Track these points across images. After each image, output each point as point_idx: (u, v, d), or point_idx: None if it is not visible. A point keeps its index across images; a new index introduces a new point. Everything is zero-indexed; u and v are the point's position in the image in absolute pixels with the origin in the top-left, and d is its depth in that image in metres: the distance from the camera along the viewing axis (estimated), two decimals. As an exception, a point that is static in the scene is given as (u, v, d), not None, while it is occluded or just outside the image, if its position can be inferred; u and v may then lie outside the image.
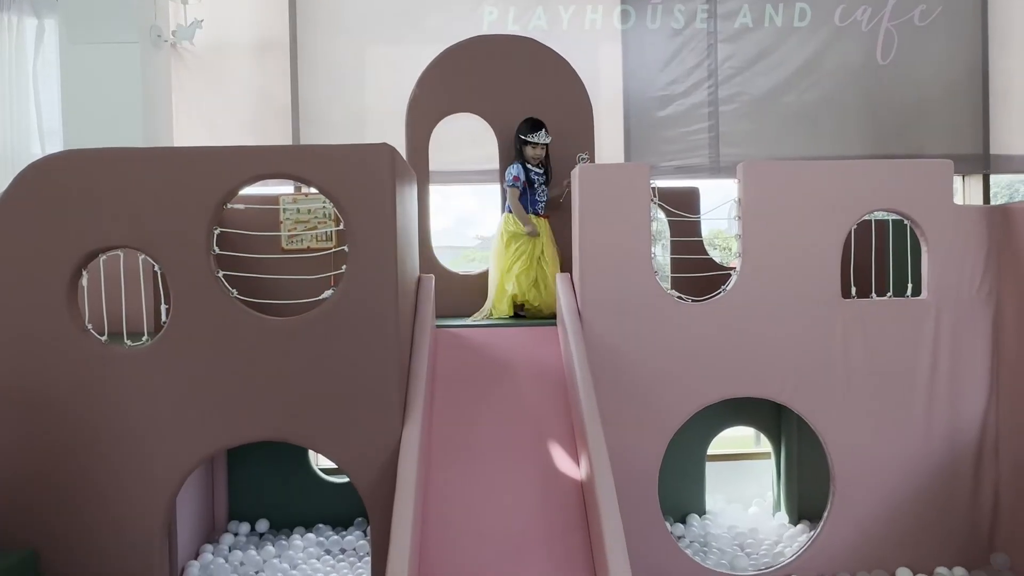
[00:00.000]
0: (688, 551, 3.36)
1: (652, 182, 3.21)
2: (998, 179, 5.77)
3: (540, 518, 2.64)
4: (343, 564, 3.60)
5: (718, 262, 4.10)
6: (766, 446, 4.36)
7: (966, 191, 5.42)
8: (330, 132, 5.09)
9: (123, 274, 3.07)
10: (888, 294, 3.31)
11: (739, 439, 4.85)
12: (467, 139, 4.76)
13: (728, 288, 3.24)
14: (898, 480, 3.27)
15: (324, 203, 3.88)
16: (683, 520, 4.06)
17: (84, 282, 2.68)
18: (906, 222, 3.33)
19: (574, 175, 3.36)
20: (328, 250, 3.06)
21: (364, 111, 5.13)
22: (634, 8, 5.17)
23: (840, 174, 3.25)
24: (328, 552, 3.76)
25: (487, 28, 5.06)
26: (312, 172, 2.62)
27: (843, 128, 5.26)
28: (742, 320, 3.19)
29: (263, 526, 3.98)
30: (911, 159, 4.49)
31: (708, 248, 4.21)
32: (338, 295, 2.64)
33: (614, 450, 2.66)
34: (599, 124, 4.45)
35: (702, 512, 4.15)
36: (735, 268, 3.29)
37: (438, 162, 4.36)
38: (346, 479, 3.97)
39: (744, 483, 4.50)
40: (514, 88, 4.24)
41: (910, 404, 3.26)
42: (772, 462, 4.26)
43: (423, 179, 4.16)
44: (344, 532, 3.95)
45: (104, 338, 2.72)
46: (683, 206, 3.64)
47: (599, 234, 3.18)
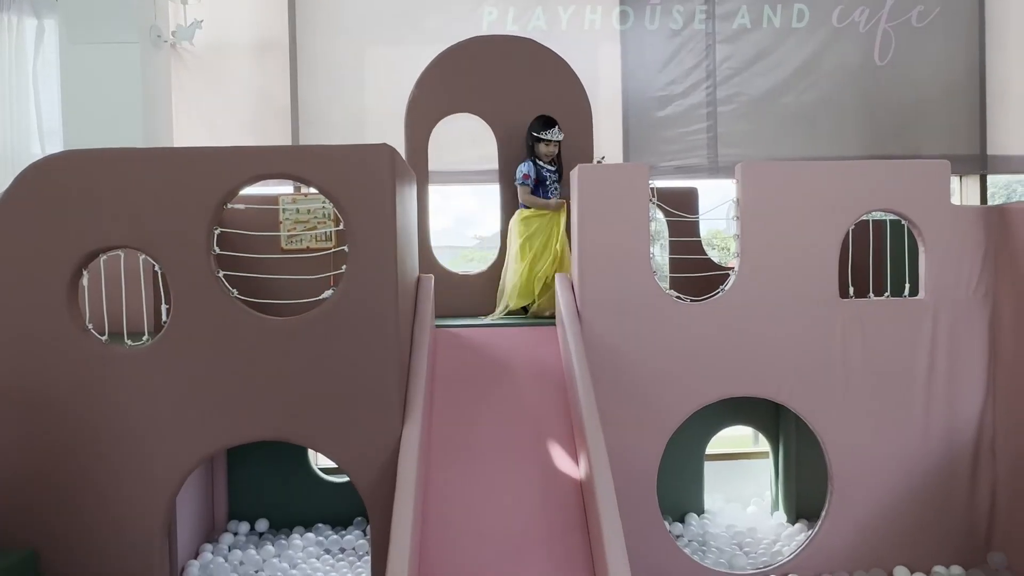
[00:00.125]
0: (687, 550, 3.37)
1: (651, 182, 3.22)
2: (995, 179, 5.78)
3: (540, 517, 2.64)
4: (343, 563, 3.61)
5: (716, 262, 4.12)
6: (764, 445, 4.37)
7: (963, 191, 5.44)
8: (329, 132, 5.09)
9: (123, 274, 3.07)
10: (886, 294, 3.32)
11: (737, 439, 4.85)
12: (466, 139, 4.77)
13: (727, 288, 3.25)
14: (896, 479, 3.28)
15: (323, 203, 3.89)
16: (682, 519, 4.07)
17: (84, 282, 2.68)
18: (904, 222, 3.34)
19: (573, 176, 3.37)
20: (327, 250, 3.07)
21: (363, 111, 5.14)
22: (633, 9, 5.19)
23: (838, 174, 3.26)
24: (328, 551, 3.77)
25: (486, 29, 5.07)
26: (312, 172, 2.62)
27: (841, 128, 5.28)
28: (741, 320, 3.20)
29: (263, 525, 3.98)
30: (909, 160, 4.51)
31: (707, 248, 4.23)
32: (338, 295, 2.65)
33: (613, 450, 2.67)
34: (598, 124, 4.45)
35: (701, 511, 4.16)
36: (733, 268, 3.31)
37: (437, 162, 4.36)
38: (345, 479, 3.98)
39: (742, 482, 4.51)
40: (513, 88, 4.25)
41: (908, 404, 3.28)
42: (770, 461, 4.27)
43: (422, 179, 4.16)
44: (343, 531, 3.95)
45: (104, 338, 2.72)
46: (682, 206, 3.65)
47: (598, 234, 3.19)
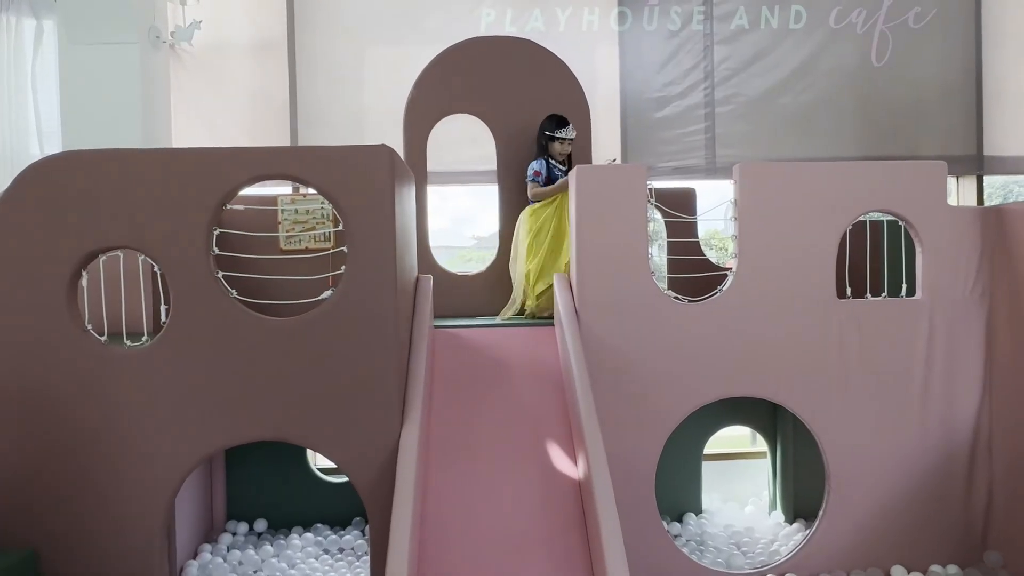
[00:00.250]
0: (685, 550, 3.38)
1: (649, 183, 3.23)
2: (992, 180, 5.80)
3: (538, 517, 2.65)
4: (341, 563, 3.61)
5: (714, 262, 4.13)
6: (762, 445, 4.38)
7: (960, 192, 5.45)
8: (328, 132, 5.10)
9: (123, 275, 3.07)
10: (883, 294, 3.33)
11: (735, 438, 4.87)
12: (465, 140, 4.78)
13: (724, 288, 3.26)
14: (893, 479, 3.29)
15: (322, 204, 3.89)
16: (680, 519, 4.08)
17: (84, 283, 2.69)
18: (901, 223, 3.35)
19: (571, 176, 3.37)
20: (326, 251, 3.07)
21: (362, 112, 5.15)
22: (631, 10, 5.20)
23: (835, 175, 3.27)
24: (326, 552, 3.78)
25: (485, 29, 5.08)
26: (312, 173, 2.63)
27: (838, 129, 5.29)
28: (738, 320, 3.21)
29: (261, 526, 3.99)
30: (906, 160, 4.53)
31: (704, 248, 4.24)
32: (337, 296, 2.65)
33: (611, 450, 2.68)
34: (596, 125, 4.46)
35: (699, 511, 4.17)
36: (731, 268, 3.31)
37: (436, 162, 4.37)
38: (344, 479, 3.99)
39: (740, 482, 4.52)
40: (512, 89, 4.26)
41: (905, 404, 3.29)
42: (768, 461, 4.28)
43: (421, 180, 4.17)
44: (342, 532, 3.96)
45: (104, 339, 2.72)
46: (680, 207, 3.66)
47: (596, 235, 3.20)
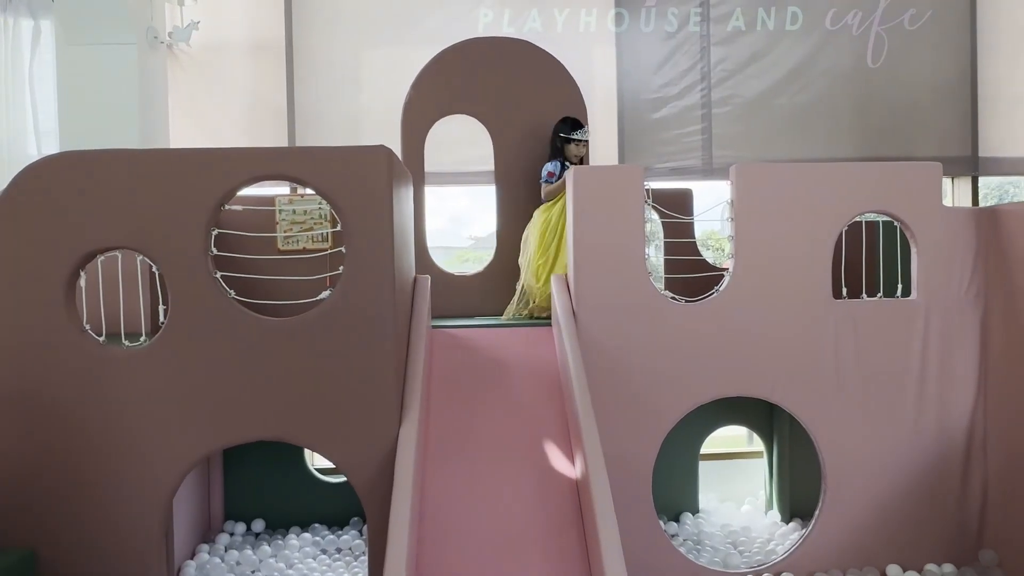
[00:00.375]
0: (682, 549, 3.39)
1: (646, 184, 3.24)
2: (988, 181, 5.83)
3: (536, 517, 2.66)
4: (339, 563, 3.62)
5: (711, 263, 4.15)
6: (758, 445, 4.39)
7: (955, 193, 5.48)
8: (326, 133, 5.10)
9: (121, 275, 3.08)
10: (878, 295, 3.35)
11: (732, 438, 4.88)
12: (463, 141, 4.78)
13: (721, 289, 3.27)
14: (888, 478, 3.30)
15: (320, 204, 3.90)
16: (677, 518, 4.09)
17: (82, 283, 2.69)
18: (896, 224, 3.37)
19: (568, 177, 3.39)
20: (324, 251, 3.08)
21: (360, 112, 5.15)
22: (628, 11, 5.21)
23: (831, 176, 3.29)
24: (324, 552, 3.78)
25: (482, 30, 5.08)
26: (310, 174, 2.64)
27: (834, 130, 5.31)
28: (735, 320, 3.23)
29: (259, 526, 3.99)
30: (901, 161, 4.54)
31: (701, 248, 4.25)
32: (335, 296, 2.66)
33: (609, 449, 2.68)
34: (593, 126, 4.48)
35: (695, 511, 4.18)
36: (728, 269, 3.33)
37: (433, 163, 4.38)
38: (342, 479, 3.99)
39: (737, 482, 4.54)
40: (509, 90, 4.27)
41: (900, 403, 3.30)
42: (764, 461, 4.30)
43: (419, 180, 4.18)
44: (340, 531, 3.96)
45: (102, 339, 2.73)
46: (676, 207, 3.68)
47: (594, 235, 3.21)
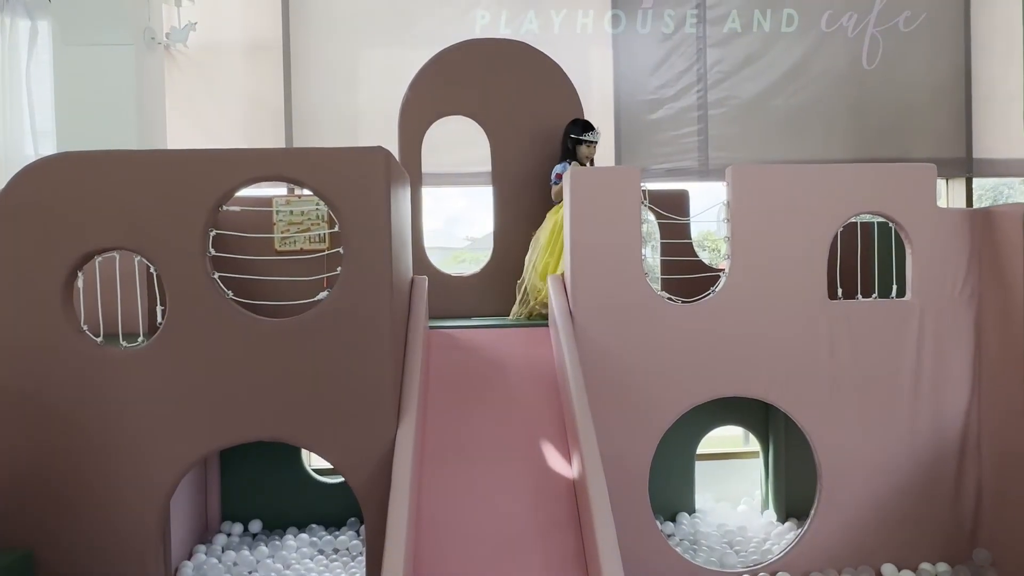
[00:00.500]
0: (678, 549, 3.40)
1: (642, 185, 3.26)
2: (982, 182, 5.86)
3: (533, 517, 2.67)
4: (336, 564, 3.62)
5: (707, 263, 4.16)
6: (754, 445, 4.41)
7: (949, 194, 5.51)
8: (323, 134, 5.11)
9: (119, 276, 3.08)
10: (873, 295, 3.36)
11: (728, 438, 4.90)
12: (460, 142, 4.79)
13: (717, 290, 3.29)
14: (883, 478, 3.32)
15: (317, 205, 3.90)
16: (673, 519, 4.11)
17: (80, 283, 2.70)
18: (891, 225, 3.39)
19: (565, 178, 3.40)
20: (321, 252, 3.09)
21: (357, 113, 5.16)
22: (624, 13, 5.23)
23: (827, 178, 3.30)
24: (321, 552, 3.78)
25: (479, 32, 5.09)
26: (309, 175, 2.64)
27: (829, 132, 5.34)
28: (731, 321, 3.24)
29: (256, 526, 3.99)
30: (896, 163, 4.56)
31: (697, 249, 4.27)
32: (333, 297, 2.67)
33: (605, 450, 2.70)
34: (591, 127, 4.48)
35: (692, 510, 4.19)
36: (724, 270, 3.34)
37: (430, 164, 4.39)
38: (339, 479, 4.00)
39: (733, 482, 4.55)
40: (506, 91, 4.27)
41: (895, 403, 3.32)
42: (760, 461, 4.31)
43: (416, 181, 4.18)
44: (337, 532, 3.96)
45: (100, 339, 2.73)
46: (673, 208, 3.68)
47: (590, 236, 3.22)
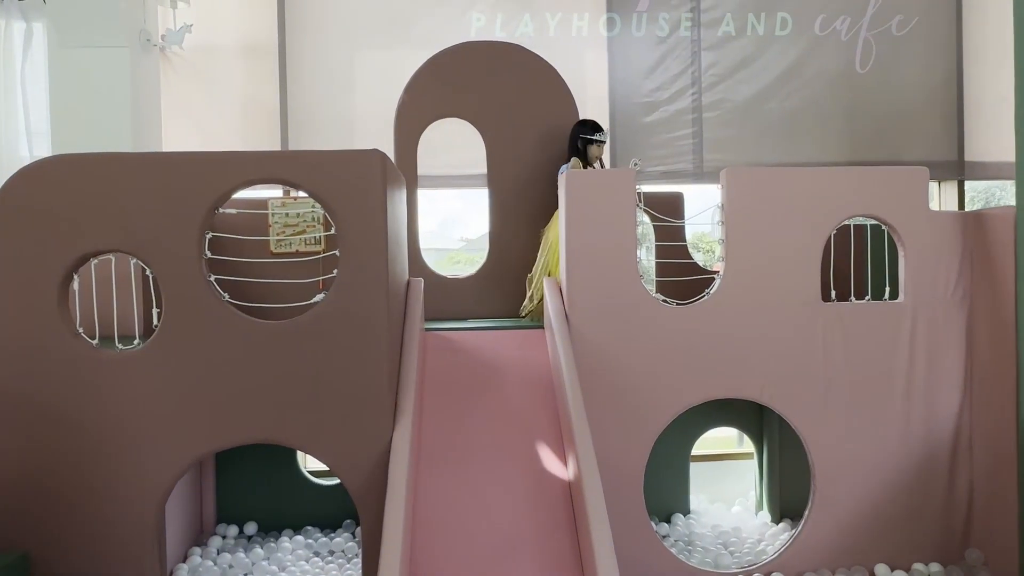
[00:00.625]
0: (673, 550, 3.41)
1: (637, 187, 3.27)
2: (974, 185, 5.89)
3: (529, 519, 2.68)
4: (332, 566, 3.62)
5: (702, 265, 4.18)
6: (749, 447, 4.43)
7: (941, 197, 5.54)
8: (318, 136, 5.11)
9: (114, 278, 3.08)
10: (866, 297, 3.39)
11: (722, 440, 4.91)
12: (456, 144, 4.80)
13: (711, 292, 3.30)
14: (876, 479, 3.34)
15: (312, 207, 3.91)
16: (668, 520, 4.12)
17: (75, 286, 2.70)
18: (884, 227, 3.41)
19: (560, 181, 3.41)
20: (316, 254, 3.09)
21: (352, 116, 5.15)
22: (619, 16, 5.24)
23: (820, 180, 3.32)
24: (317, 554, 3.78)
25: (475, 34, 5.10)
26: (305, 177, 2.65)
27: (823, 135, 5.36)
28: (725, 323, 3.26)
29: (251, 529, 3.99)
30: (888, 166, 4.58)
31: (692, 251, 4.29)
32: (329, 299, 2.67)
33: (601, 451, 2.71)
34: (585, 130, 4.49)
35: (686, 512, 4.21)
36: (718, 272, 3.36)
37: (426, 166, 4.39)
38: (334, 481, 3.99)
39: (727, 483, 4.57)
40: (501, 94, 4.28)
41: (888, 404, 3.34)
42: (755, 462, 4.33)
43: (412, 183, 4.19)
44: (333, 534, 3.96)
45: (95, 342, 2.73)
46: (668, 211, 3.71)
47: (586, 238, 3.23)
